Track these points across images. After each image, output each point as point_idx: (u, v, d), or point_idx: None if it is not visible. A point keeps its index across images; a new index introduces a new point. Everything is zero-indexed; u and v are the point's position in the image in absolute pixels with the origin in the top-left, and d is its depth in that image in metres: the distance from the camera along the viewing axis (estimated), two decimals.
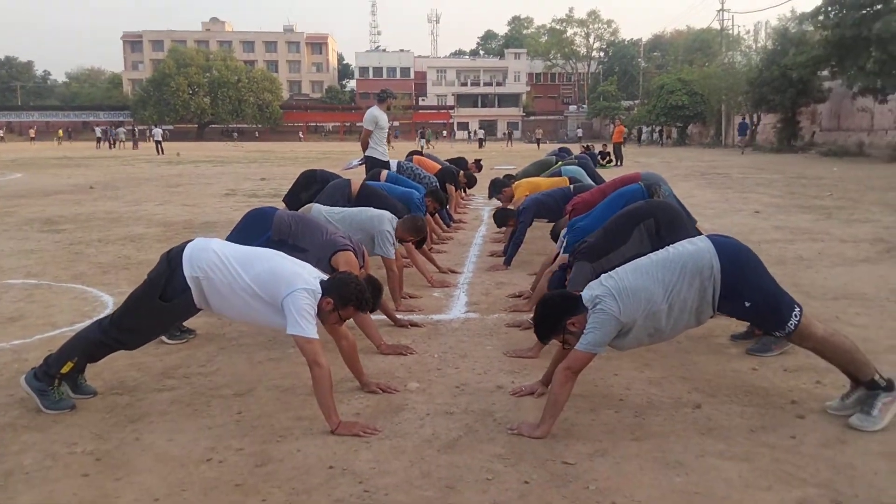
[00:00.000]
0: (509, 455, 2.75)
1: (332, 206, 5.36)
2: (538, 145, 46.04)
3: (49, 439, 2.90)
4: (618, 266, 3.29)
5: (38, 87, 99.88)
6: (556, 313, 3.02)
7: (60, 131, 61.35)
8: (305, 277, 3.07)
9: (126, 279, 5.90)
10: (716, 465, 2.65)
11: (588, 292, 3.03)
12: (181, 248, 3.21)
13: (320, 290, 3.06)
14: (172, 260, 3.19)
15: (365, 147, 8.86)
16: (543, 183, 7.63)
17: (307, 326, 2.93)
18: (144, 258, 6.84)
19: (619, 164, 24.39)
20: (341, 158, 28.95)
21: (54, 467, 2.67)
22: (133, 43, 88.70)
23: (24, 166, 23.57)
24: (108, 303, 5.16)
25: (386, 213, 5.10)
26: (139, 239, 8.11)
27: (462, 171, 10.25)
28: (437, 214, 7.85)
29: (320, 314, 3.08)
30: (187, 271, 3.12)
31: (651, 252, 3.71)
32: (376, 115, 8.76)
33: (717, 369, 3.73)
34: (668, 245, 3.28)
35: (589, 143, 25.86)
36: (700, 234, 4.09)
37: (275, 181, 16.95)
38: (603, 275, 3.15)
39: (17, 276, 6.07)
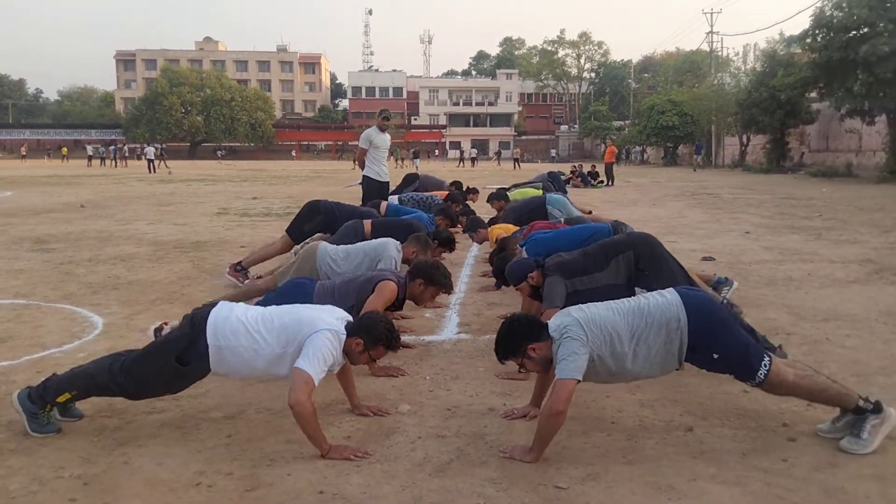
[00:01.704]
0: (501, 479, 2.73)
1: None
2: (515, 165, 46.06)
3: (36, 463, 2.87)
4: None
5: (30, 105, 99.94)
6: (519, 335, 3.05)
7: (65, 148, 61.20)
8: (327, 319, 3.07)
9: (116, 299, 5.87)
10: (708, 490, 2.65)
11: (555, 321, 3.07)
12: (205, 315, 3.15)
13: (345, 332, 3.06)
14: (196, 325, 3.14)
15: (361, 166, 8.86)
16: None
17: (316, 368, 2.90)
18: (135, 278, 6.81)
19: (610, 183, 24.42)
20: (333, 177, 29.05)
21: (41, 492, 2.64)
22: (126, 62, 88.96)
23: (14, 184, 23.48)
24: (98, 323, 5.12)
25: (391, 240, 5.11)
26: (130, 258, 8.07)
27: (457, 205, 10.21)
28: None
29: (350, 355, 3.10)
30: (211, 340, 3.08)
31: (625, 284, 4.04)
32: (370, 134, 8.73)
33: (709, 391, 3.73)
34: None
35: (570, 176, 22.98)
36: (685, 270, 4.29)
37: (266, 200, 16.94)
38: (572, 306, 3.19)
39: (6, 296, 6.01)
